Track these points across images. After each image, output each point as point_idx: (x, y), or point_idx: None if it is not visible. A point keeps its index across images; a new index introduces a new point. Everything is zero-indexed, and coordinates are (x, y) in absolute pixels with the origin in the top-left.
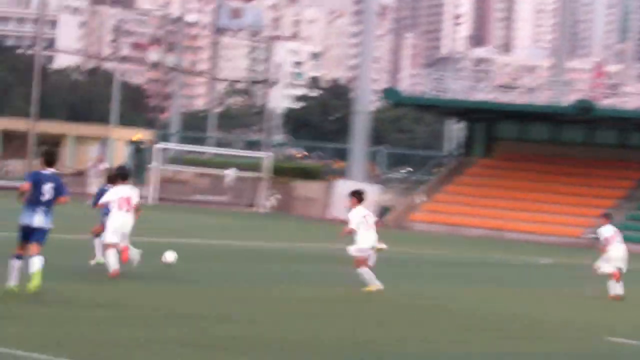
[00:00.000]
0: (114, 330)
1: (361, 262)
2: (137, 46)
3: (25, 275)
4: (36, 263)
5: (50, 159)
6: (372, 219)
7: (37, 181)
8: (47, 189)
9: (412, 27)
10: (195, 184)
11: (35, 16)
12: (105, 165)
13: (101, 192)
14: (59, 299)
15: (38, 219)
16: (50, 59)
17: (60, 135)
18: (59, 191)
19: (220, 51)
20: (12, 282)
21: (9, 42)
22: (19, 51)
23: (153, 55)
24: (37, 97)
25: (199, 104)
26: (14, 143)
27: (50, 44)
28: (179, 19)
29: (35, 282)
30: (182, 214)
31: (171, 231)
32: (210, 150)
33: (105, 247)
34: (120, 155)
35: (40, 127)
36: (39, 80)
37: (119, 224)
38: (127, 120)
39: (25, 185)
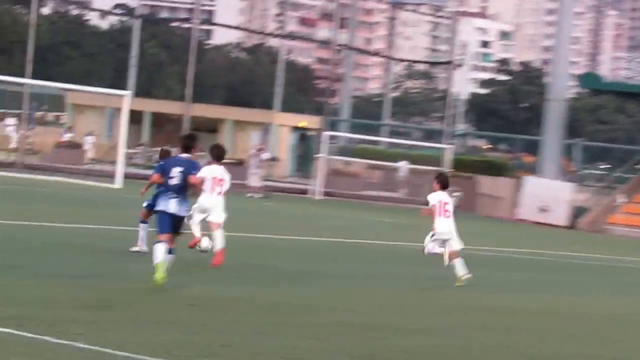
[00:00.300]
0: (278, 338)
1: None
2: (305, 21)
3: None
4: (169, 259)
5: (187, 144)
6: (450, 207)
7: (166, 167)
8: (175, 173)
9: (615, 4)
10: (366, 178)
11: None
12: (267, 155)
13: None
14: (217, 302)
15: (172, 206)
16: (208, 34)
17: (218, 120)
18: (187, 173)
19: (398, 28)
20: (160, 258)
21: (163, 14)
22: (173, 25)
23: (322, 31)
24: (193, 77)
25: (373, 87)
26: (165, 128)
27: (209, 17)
28: None
29: (159, 275)
30: (351, 210)
31: (340, 229)
32: (384, 140)
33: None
34: (284, 144)
35: (195, 111)
36: (194, 58)
37: (207, 206)
38: (292, 105)
39: (155, 177)
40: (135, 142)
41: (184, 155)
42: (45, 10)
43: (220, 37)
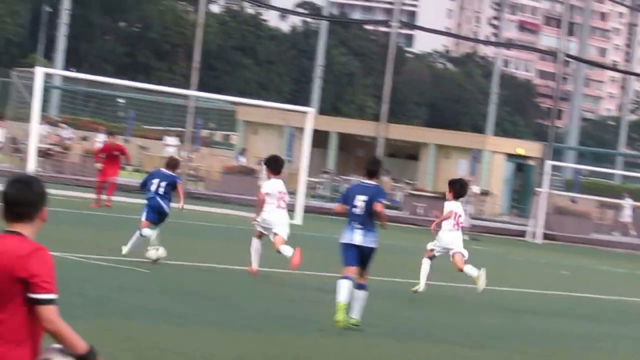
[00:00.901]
0: None
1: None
2: (525, 26)
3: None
4: (358, 297)
5: (371, 170)
6: (464, 220)
7: (349, 196)
8: (358, 202)
9: None
10: (596, 218)
11: None
12: (477, 188)
13: (148, 179)
14: None
15: (357, 237)
16: (408, 39)
17: (418, 145)
18: (372, 201)
19: (639, 36)
20: (343, 299)
21: (354, 15)
22: (367, 28)
23: (547, 39)
24: (389, 92)
25: (607, 108)
26: (355, 153)
27: (410, 19)
28: None
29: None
30: (577, 257)
31: (563, 279)
32: (619, 172)
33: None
34: (497, 175)
35: (391, 132)
36: (392, 69)
37: (272, 221)
38: (507, 127)
39: (338, 207)
40: (319, 169)
41: (369, 181)
42: (215, 8)
43: (423, 43)
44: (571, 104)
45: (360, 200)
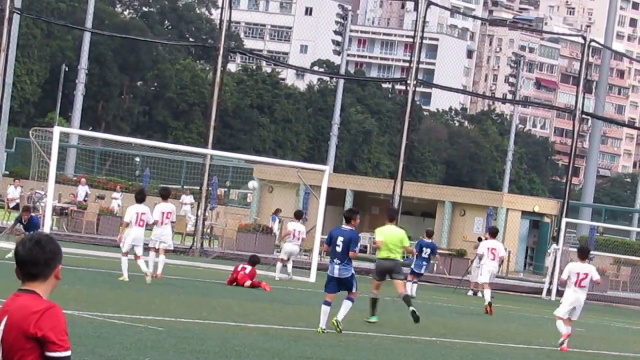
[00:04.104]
0: None
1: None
2: (543, 84)
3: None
4: (345, 304)
5: (347, 215)
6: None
7: (331, 237)
8: (339, 242)
9: None
10: (613, 275)
11: (408, 39)
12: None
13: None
14: None
15: (337, 270)
16: (426, 97)
17: (433, 202)
18: (349, 245)
19: None
20: (322, 325)
21: (372, 73)
22: (384, 86)
23: (564, 96)
24: (405, 150)
25: (624, 165)
26: (370, 210)
27: (427, 77)
28: (602, 49)
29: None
30: (593, 314)
31: (578, 337)
32: (636, 229)
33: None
34: (514, 231)
35: (407, 190)
36: (409, 127)
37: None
38: (523, 185)
39: (324, 246)
40: (333, 227)
41: (346, 227)
42: (232, 67)
43: (440, 101)
44: (588, 161)
45: (339, 241)
